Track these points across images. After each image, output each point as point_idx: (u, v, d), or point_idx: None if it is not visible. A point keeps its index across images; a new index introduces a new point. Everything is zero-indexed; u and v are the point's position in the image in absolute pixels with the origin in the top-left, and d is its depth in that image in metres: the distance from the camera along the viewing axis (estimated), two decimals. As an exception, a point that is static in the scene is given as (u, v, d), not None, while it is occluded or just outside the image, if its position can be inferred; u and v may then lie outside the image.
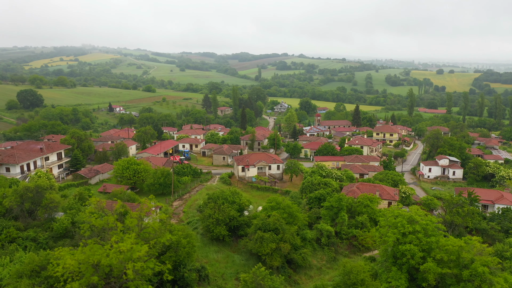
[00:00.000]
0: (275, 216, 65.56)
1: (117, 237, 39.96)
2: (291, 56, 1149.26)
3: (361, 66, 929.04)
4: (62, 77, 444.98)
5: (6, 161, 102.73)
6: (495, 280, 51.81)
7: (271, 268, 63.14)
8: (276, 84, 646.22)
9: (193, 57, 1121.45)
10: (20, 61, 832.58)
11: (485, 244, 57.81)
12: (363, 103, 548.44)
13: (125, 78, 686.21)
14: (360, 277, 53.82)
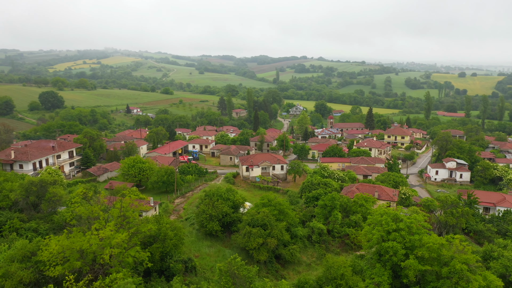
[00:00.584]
0: (264, 212, 67.69)
1: (98, 225, 42.92)
2: (310, 59, 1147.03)
3: (381, 69, 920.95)
4: (83, 80, 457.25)
5: (19, 158, 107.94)
6: (472, 277, 52.67)
7: (258, 262, 65.42)
8: (293, 87, 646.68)
9: (213, 60, 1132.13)
10: (45, 64, 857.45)
11: (465, 242, 58.56)
12: (380, 106, 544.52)
13: (145, 81, 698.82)
14: (340, 272, 55.38)
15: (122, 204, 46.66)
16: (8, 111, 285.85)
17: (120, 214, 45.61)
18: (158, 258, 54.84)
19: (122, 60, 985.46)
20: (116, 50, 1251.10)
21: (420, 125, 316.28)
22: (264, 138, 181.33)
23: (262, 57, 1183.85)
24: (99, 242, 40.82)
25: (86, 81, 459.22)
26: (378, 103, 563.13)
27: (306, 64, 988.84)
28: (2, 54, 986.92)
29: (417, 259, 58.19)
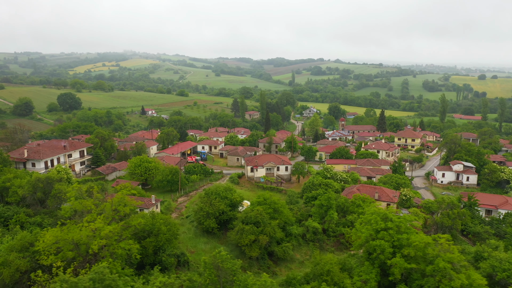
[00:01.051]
0: (258, 210, 69.76)
1: (90, 218, 45.79)
2: (327, 61, 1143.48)
3: (398, 71, 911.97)
4: (100, 82, 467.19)
5: (32, 157, 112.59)
6: (455, 276, 53.59)
7: (250, 258, 67.53)
8: (308, 89, 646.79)
9: (229, 63, 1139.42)
10: (65, 67, 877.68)
11: (451, 242, 59.43)
12: (396, 108, 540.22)
13: (162, 83, 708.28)
14: (326, 268, 57.06)
15: (113, 199, 49.50)
16: (27, 112, 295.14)
17: (112, 208, 48.39)
18: (152, 252, 57.51)
19: (140, 62, 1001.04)
20: (135, 53, 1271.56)
21: (434, 128, 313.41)
22: (273, 139, 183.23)
23: (278, 59, 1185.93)
24: (89, 234, 43.64)
25: (104, 83, 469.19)
26: (394, 105, 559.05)
27: (323, 66, 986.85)
28: (25, 56, 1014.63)
29: (403, 257, 59.40)
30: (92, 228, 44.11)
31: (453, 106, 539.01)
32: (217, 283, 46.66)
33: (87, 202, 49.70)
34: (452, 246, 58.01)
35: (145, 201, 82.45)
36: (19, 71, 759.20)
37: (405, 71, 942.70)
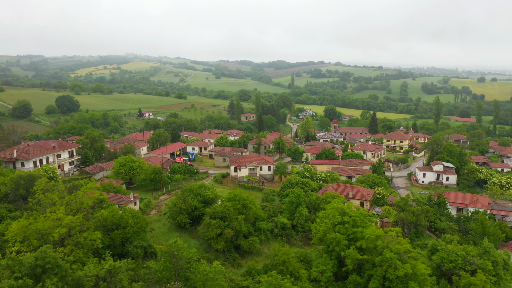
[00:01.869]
0: (225, 205, 73.62)
1: (53, 209, 49.80)
2: (328, 64, 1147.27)
3: (398, 74, 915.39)
4: (99, 84, 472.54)
5: (21, 157, 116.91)
6: (400, 265, 57.26)
7: (217, 251, 71.38)
8: (307, 92, 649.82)
9: (230, 65, 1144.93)
10: (67, 69, 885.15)
11: (397, 231, 63.16)
12: (394, 111, 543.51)
13: (162, 86, 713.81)
14: (282, 259, 60.82)
15: (77, 192, 53.58)
16: (26, 114, 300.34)
17: (75, 201, 52.41)
18: (119, 243, 61.48)
19: (141, 65, 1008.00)
20: (136, 56, 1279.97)
21: (428, 130, 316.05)
22: (262, 141, 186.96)
23: (279, 62, 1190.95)
24: (51, 223, 47.63)
25: (103, 85, 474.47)
26: (391, 108, 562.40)
27: (323, 69, 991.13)
28: (28, 59, 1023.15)
29: (357, 249, 63.22)
30: (54, 217, 48.16)
31: (450, 108, 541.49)
32: (172, 269, 50.50)
33: (52, 195, 53.79)
34: (399, 238, 61.74)
35: (124, 198, 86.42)
36: (21, 74, 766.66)
37: (404, 73, 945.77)
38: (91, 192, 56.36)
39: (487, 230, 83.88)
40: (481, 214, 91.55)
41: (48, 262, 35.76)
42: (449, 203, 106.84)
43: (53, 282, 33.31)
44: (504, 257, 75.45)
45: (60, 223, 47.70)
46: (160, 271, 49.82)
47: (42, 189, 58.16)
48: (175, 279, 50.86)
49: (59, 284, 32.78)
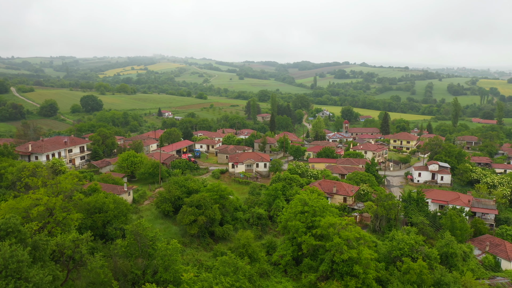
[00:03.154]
0: (202, 195, 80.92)
1: (35, 191, 58.42)
2: (353, 64, 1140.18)
3: (424, 75, 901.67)
4: (123, 85, 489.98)
5: (35, 151, 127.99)
6: (345, 250, 62.95)
7: (192, 236, 78.78)
8: (328, 93, 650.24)
9: (255, 66, 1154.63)
10: (96, 70, 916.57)
11: (350, 220, 68.73)
12: (416, 112, 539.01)
13: (186, 86, 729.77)
14: (242, 242, 67.59)
15: (59, 178, 62.15)
16: (52, 113, 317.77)
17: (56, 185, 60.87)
18: (101, 225, 69.76)
19: (167, 66, 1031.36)
20: (163, 57, 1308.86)
21: (443, 131, 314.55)
22: (267, 140, 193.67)
23: (303, 63, 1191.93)
24: (32, 202, 56.15)
25: (127, 86, 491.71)
26: (413, 109, 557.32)
27: (347, 70, 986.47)
28: (60, 61, 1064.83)
29: (313, 236, 69.33)
30: (34, 198, 56.65)
31: (474, 110, 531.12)
32: (136, 246, 58.15)
33: (36, 179, 62.56)
34: (350, 227, 67.33)
35: (118, 188, 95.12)
36: (53, 74, 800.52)
37: (431, 74, 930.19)
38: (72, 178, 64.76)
39: (455, 225, 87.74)
40: (450, 210, 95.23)
41: (9, 227, 43.74)
42: (431, 200, 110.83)
43: (11, 242, 41.22)
44: (465, 250, 79.77)
45: (39, 202, 56.12)
46: (125, 247, 57.56)
47: (28, 175, 67.21)
48: (139, 255, 58.49)
49: (18, 244, 40.63)
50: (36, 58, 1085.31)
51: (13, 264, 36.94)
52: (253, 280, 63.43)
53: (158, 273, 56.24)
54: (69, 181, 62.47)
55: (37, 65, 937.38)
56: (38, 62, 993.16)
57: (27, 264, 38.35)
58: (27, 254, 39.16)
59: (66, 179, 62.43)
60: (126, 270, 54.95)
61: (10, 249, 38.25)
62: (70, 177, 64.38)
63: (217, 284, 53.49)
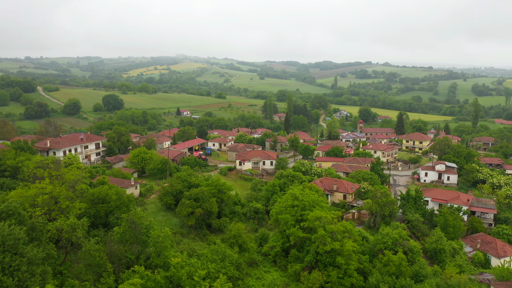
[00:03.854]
0: (201, 189, 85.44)
1: (40, 181, 64.11)
2: (375, 64, 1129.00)
3: (448, 75, 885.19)
4: (145, 84, 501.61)
5: (53, 147, 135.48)
6: (329, 242, 66.29)
7: (190, 227, 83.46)
8: (348, 93, 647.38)
9: (276, 66, 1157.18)
10: (121, 70, 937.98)
11: (338, 215, 71.96)
12: (437, 113, 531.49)
13: (207, 86, 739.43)
14: (233, 233, 71.73)
15: (63, 170, 67.72)
16: (75, 112, 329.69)
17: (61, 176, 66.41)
18: (103, 215, 75.19)
19: (189, 66, 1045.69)
20: (186, 57, 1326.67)
21: (462, 132, 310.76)
22: (278, 139, 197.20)
23: (325, 63, 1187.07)
24: (37, 191, 61.80)
25: (148, 85, 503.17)
26: (435, 109, 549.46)
27: (369, 69, 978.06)
28: (86, 61, 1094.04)
29: (301, 229, 72.91)
30: (39, 187, 62.28)
31: (498, 111, 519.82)
32: (131, 233, 63.10)
33: (42, 171, 68.27)
34: (335, 220, 70.54)
35: (125, 182, 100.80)
36: (79, 74, 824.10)
37: (455, 74, 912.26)
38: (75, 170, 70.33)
39: (448, 223, 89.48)
40: (444, 208, 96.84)
41: (10, 210, 49.11)
42: (432, 199, 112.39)
43: (11, 222, 46.47)
44: (455, 246, 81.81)
45: (44, 191, 61.71)
46: (120, 234, 62.58)
47: (36, 167, 73.25)
48: (134, 241, 63.42)
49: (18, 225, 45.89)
50: (63, 58, 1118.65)
51: (10, 241, 42.19)
52: (241, 268, 67.60)
53: (150, 258, 60.99)
54: (73, 173, 68.00)
55: (64, 65, 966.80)
56: (65, 62, 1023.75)
57: (23, 242, 43.67)
58: (24, 233, 44.46)
59: (70, 171, 67.96)
60: (121, 255, 59.95)
61: (8, 228, 43.54)
62: (73, 169, 69.96)
63: (203, 270, 57.76)
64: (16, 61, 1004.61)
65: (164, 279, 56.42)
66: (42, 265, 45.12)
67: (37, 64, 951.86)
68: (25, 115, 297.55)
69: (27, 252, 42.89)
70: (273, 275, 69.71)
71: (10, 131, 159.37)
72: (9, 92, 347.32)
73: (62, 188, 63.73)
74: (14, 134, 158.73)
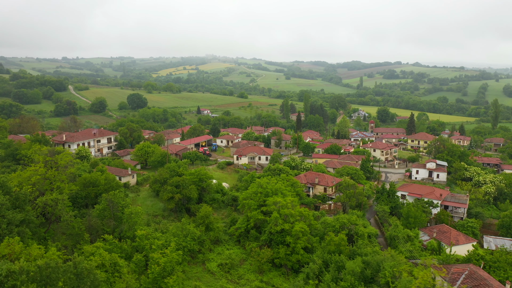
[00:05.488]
0: (182, 178, 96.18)
1: (35, 165, 76.69)
2: (405, 64, 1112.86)
3: (479, 75, 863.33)
4: (170, 84, 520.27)
5: (68, 140, 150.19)
6: (280, 222, 75.34)
7: (171, 210, 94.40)
8: (372, 93, 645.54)
9: (303, 66, 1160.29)
10: (151, 70, 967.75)
11: (293, 200, 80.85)
12: (462, 114, 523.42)
13: (233, 85, 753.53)
14: (201, 214, 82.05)
15: (57, 156, 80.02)
16: (101, 109, 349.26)
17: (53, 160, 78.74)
18: (93, 196, 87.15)
19: (217, 66, 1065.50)
20: (215, 57, 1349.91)
21: (478, 133, 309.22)
22: (282, 137, 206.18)
23: (353, 63, 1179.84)
24: (31, 173, 74.22)
25: (173, 85, 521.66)
26: (460, 110, 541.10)
27: (397, 70, 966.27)
28: (119, 61, 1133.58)
29: (262, 213, 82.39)
30: (33, 169, 74.69)
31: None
32: (109, 210, 74.56)
33: (39, 156, 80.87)
34: (289, 205, 79.50)
35: (123, 171, 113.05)
36: (111, 74, 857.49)
37: (487, 75, 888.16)
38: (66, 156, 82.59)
39: (410, 214, 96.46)
40: (408, 202, 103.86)
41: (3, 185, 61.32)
42: (408, 193, 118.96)
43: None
44: (410, 234, 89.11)
45: (36, 173, 74.04)
46: (99, 210, 74.13)
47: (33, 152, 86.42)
48: (111, 217, 74.82)
49: (4, 195, 57.74)
50: (98, 59, 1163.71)
51: (-5, 206, 54.17)
52: (204, 244, 77.84)
53: (123, 232, 72.22)
54: (65, 158, 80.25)
55: (98, 65, 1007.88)
56: (99, 62, 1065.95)
57: (6, 207, 55.51)
58: (7, 201, 56.35)
59: (63, 158, 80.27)
60: (98, 227, 71.46)
61: (-6, 196, 55.62)
62: (65, 155, 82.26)
63: (165, 241, 68.40)
64: (53, 61, 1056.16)
65: (131, 247, 67.44)
66: (21, 226, 56.87)
67: (73, 64, 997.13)
68: (55, 113, 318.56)
69: (8, 215, 54.65)
70: (234, 252, 79.51)
71: (34, 127, 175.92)
72: (42, 91, 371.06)
73: (53, 171, 75.96)
74: (37, 129, 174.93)
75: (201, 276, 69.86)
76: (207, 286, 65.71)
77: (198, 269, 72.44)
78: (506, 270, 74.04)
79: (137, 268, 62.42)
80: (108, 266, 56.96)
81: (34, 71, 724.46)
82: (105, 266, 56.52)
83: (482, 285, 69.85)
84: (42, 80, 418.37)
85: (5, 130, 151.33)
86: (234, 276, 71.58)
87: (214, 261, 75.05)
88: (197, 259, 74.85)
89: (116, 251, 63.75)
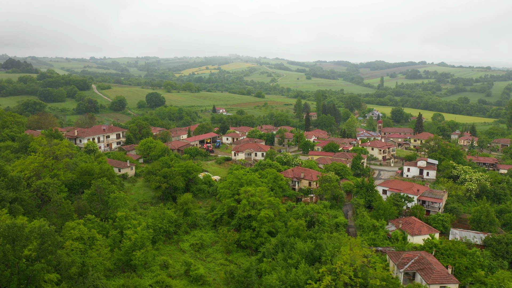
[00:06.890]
0: (171, 169, 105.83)
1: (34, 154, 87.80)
2: (430, 64, 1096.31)
3: (506, 76, 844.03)
4: (189, 83, 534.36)
5: (79, 135, 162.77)
6: (247, 208, 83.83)
7: (158, 197, 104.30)
8: (391, 94, 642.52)
9: (326, 66, 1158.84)
10: (174, 70, 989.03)
11: (263, 190, 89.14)
12: (482, 115, 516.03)
13: (253, 85, 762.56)
14: (181, 201, 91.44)
15: (54, 147, 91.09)
16: (121, 108, 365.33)
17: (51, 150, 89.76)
18: (88, 183, 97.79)
19: (239, 66, 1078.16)
20: (238, 57, 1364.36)
21: (490, 134, 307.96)
22: (285, 135, 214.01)
23: (376, 63, 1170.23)
24: (31, 160, 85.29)
25: (191, 84, 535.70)
26: (481, 111, 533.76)
27: (421, 70, 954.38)
28: (144, 61, 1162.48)
29: (235, 201, 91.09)
30: (32, 158, 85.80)
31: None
32: (97, 194, 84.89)
33: (39, 146, 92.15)
34: (257, 194, 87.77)
35: (122, 163, 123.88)
36: (136, 73, 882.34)
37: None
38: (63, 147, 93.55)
39: (381, 206, 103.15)
40: (379, 197, 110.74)
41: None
42: (389, 188, 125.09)
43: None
44: (376, 224, 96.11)
45: (35, 161, 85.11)
46: (88, 194, 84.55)
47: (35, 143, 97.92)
48: (99, 201, 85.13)
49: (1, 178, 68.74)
50: (124, 59, 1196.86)
51: (-10, 185, 64.98)
52: (181, 227, 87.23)
53: (107, 213, 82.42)
54: (62, 148, 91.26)
55: (124, 64, 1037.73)
56: (125, 62, 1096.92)
57: (0, 186, 66.38)
58: (1, 181, 67.17)
59: (60, 148, 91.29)
60: (86, 209, 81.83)
61: (-10, 177, 66.54)
62: (62, 146, 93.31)
63: (141, 222, 78.07)
64: (82, 61, 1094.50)
65: (112, 226, 77.50)
66: (14, 204, 67.60)
67: (99, 64, 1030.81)
68: (77, 110, 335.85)
69: (1, 192, 65.43)
70: (208, 235, 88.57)
71: (51, 122, 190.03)
72: (67, 90, 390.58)
73: (50, 160, 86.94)
74: (54, 125, 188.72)
75: (173, 254, 79.30)
76: (174, 261, 75.04)
77: (172, 247, 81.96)
78: (455, 257, 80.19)
79: (113, 242, 72.33)
80: (86, 239, 66.96)
81: (62, 70, 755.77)
82: (83, 239, 66.54)
83: (427, 269, 76.99)
84: (67, 79, 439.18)
85: (23, 126, 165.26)
86: (203, 254, 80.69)
87: (188, 241, 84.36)
88: (172, 240, 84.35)
89: (97, 228, 73.77)
